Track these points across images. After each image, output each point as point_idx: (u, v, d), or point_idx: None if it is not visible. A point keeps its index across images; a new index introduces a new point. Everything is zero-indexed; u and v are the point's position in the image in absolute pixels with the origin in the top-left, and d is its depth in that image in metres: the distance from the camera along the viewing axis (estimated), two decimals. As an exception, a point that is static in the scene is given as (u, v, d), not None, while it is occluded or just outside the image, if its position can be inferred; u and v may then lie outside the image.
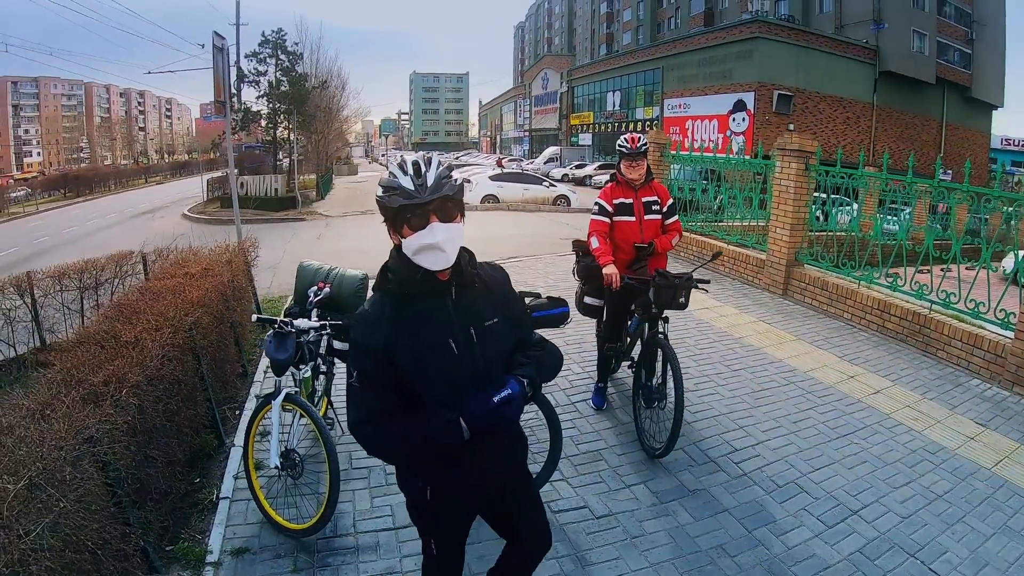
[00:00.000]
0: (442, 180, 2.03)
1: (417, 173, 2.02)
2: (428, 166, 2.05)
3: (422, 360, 2.08)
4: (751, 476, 4.45)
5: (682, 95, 42.33)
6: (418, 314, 2.11)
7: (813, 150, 8.78)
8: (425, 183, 2.01)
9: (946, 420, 5.33)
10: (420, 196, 1.99)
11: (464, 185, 2.16)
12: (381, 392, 2.11)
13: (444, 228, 2.03)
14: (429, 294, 2.12)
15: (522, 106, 77.39)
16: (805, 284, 8.74)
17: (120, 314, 4.83)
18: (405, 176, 2.02)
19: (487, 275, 2.30)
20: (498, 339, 2.23)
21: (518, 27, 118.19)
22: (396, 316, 2.11)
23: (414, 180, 2.01)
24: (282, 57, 32.44)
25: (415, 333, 2.10)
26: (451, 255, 2.06)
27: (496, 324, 2.22)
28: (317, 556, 3.62)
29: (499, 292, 2.31)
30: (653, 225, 5.20)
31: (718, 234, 11.05)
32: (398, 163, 2.08)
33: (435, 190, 2.00)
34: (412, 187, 2.00)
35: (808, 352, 6.85)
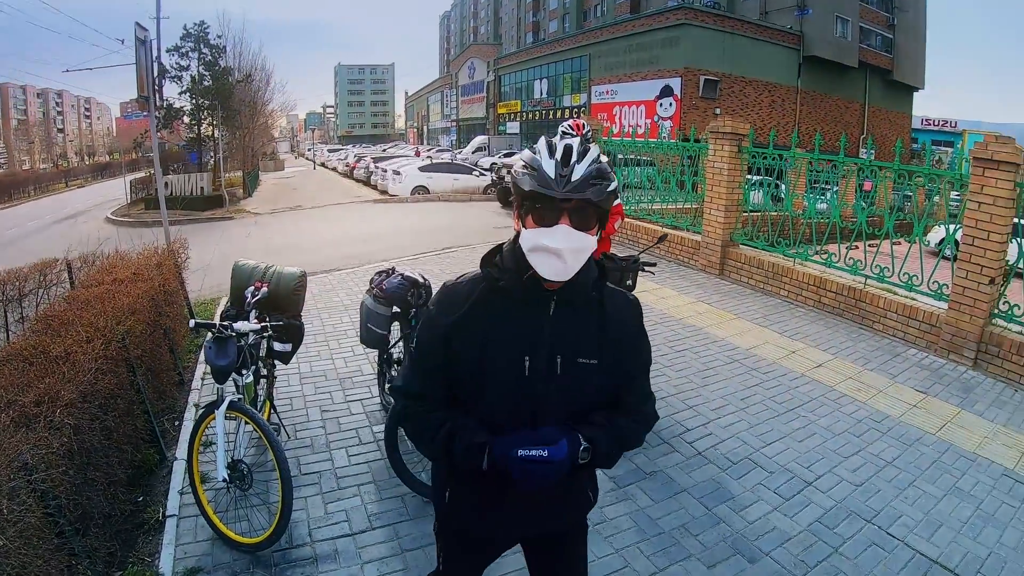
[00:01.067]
0: (591, 180, 1.67)
1: (565, 161, 1.68)
2: (581, 158, 1.69)
3: (485, 366, 1.78)
4: (705, 455, 4.48)
5: (609, 82, 42.72)
6: (506, 313, 1.79)
7: (746, 133, 8.96)
8: (569, 176, 1.66)
9: (888, 389, 5.50)
10: (556, 189, 1.65)
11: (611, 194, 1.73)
12: (430, 374, 1.85)
13: (572, 236, 1.68)
14: (526, 297, 1.78)
15: (449, 96, 76.89)
16: (741, 264, 8.92)
17: (47, 327, 4.54)
18: (550, 160, 1.68)
19: (614, 306, 1.89)
20: (588, 385, 1.83)
21: (444, 16, 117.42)
22: (481, 303, 1.80)
23: (558, 168, 1.66)
24: (205, 51, 31.31)
25: (492, 332, 1.78)
26: (571, 268, 1.71)
27: (593, 367, 1.81)
28: (274, 570, 3.45)
29: (617, 332, 1.87)
30: None
31: (653, 217, 11.16)
32: (547, 141, 1.74)
33: (578, 189, 1.65)
34: (552, 175, 1.66)
35: (749, 330, 6.97)
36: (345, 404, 5.34)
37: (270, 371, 4.89)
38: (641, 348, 1.95)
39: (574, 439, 1.77)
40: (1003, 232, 5.88)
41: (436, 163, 29.26)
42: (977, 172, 5.98)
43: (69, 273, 7.87)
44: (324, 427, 4.99)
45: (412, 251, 11.73)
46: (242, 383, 4.02)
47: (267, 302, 4.52)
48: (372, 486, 4.15)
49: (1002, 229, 5.87)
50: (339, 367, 6.18)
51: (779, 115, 38.95)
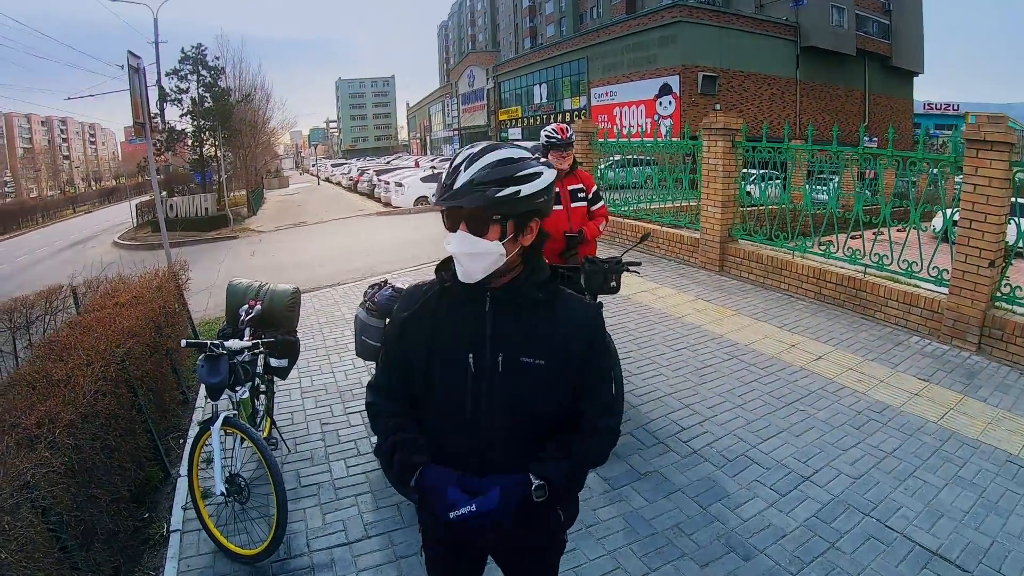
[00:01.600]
0: (478, 186, 1.66)
1: (453, 169, 1.71)
2: (470, 164, 1.69)
3: (432, 362, 1.81)
4: (701, 453, 4.42)
5: (608, 83, 42.68)
6: (451, 312, 1.83)
7: (739, 127, 8.90)
8: (452, 183, 1.68)
9: (889, 379, 5.42)
10: (438, 195, 1.73)
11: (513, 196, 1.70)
12: (392, 368, 1.91)
13: (466, 241, 1.70)
14: (465, 296, 1.80)
15: (450, 105, 77.07)
16: (740, 259, 8.85)
17: (51, 352, 4.71)
18: (449, 168, 1.73)
19: (566, 310, 1.83)
20: (534, 388, 1.77)
21: (441, 26, 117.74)
22: (431, 301, 1.87)
23: (446, 175, 1.71)
24: (204, 73, 31.53)
25: (438, 329, 1.82)
26: (472, 272, 1.72)
27: (538, 368, 1.77)
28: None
29: (569, 336, 1.80)
30: (580, 212, 5.23)
31: (651, 217, 11.10)
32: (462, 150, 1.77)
33: (453, 196, 1.67)
34: (441, 181, 1.72)
35: (748, 325, 6.90)
36: (344, 416, 5.38)
37: (268, 386, 4.94)
38: (599, 354, 1.86)
39: (513, 485, 1.71)
40: (1000, 213, 5.79)
41: (438, 173, 29.25)
42: (971, 154, 5.90)
43: (75, 299, 8.02)
44: (324, 439, 5.05)
45: (414, 262, 11.71)
46: (236, 399, 4.07)
47: (261, 319, 4.60)
48: (369, 496, 4.20)
49: (999, 210, 5.78)
50: (339, 380, 6.19)
51: (779, 107, 38.76)
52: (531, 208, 1.74)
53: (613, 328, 6.91)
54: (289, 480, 4.48)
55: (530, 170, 1.72)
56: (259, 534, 3.76)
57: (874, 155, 7.41)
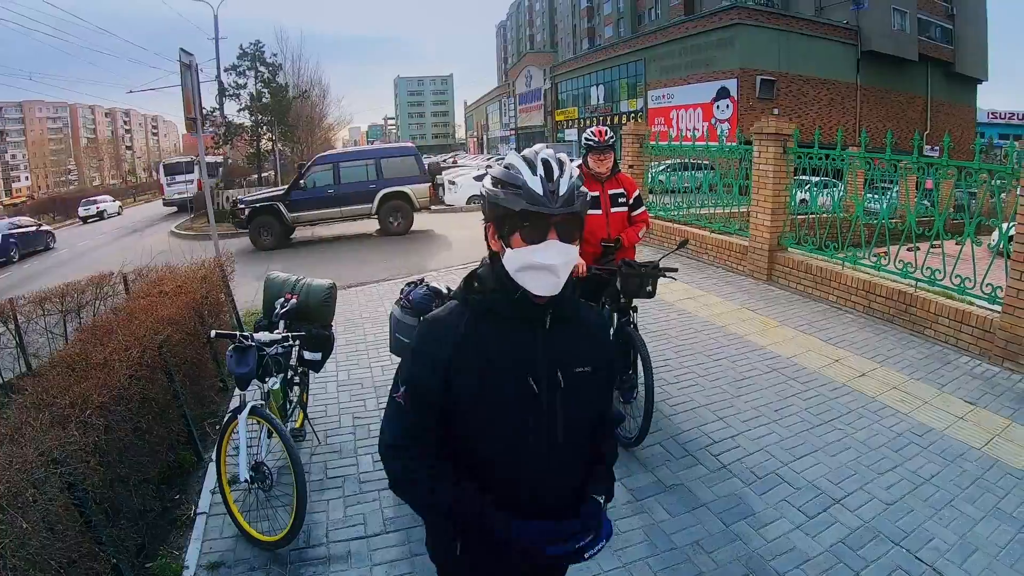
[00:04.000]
0: (576, 192, 1.66)
1: (548, 175, 1.65)
2: (561, 170, 1.67)
3: (489, 396, 1.69)
4: (730, 468, 4.31)
5: (665, 85, 42.19)
6: (502, 337, 1.72)
7: (790, 133, 8.66)
8: (557, 190, 1.63)
9: (934, 400, 5.19)
10: (549, 205, 1.61)
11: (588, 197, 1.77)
12: (423, 417, 1.73)
13: (564, 249, 1.65)
14: (518, 318, 1.73)
15: (507, 105, 77.19)
16: (789, 268, 8.61)
17: (93, 336, 4.91)
18: (533, 176, 1.64)
19: (588, 316, 1.91)
20: (587, 397, 1.81)
21: (500, 26, 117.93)
22: (472, 332, 1.71)
23: (544, 183, 1.63)
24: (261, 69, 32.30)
25: (491, 359, 1.70)
26: (563, 281, 1.68)
27: (589, 374, 1.80)
28: (290, 567, 3.61)
29: (597, 340, 1.89)
30: (619, 218, 5.18)
31: (701, 222, 10.90)
32: (523, 156, 1.70)
33: (567, 201, 1.63)
34: (540, 191, 1.62)
35: (792, 338, 6.71)
36: (377, 411, 5.41)
37: (303, 379, 5.08)
38: (613, 356, 2.07)
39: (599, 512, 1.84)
40: (1061, 231, 5.52)
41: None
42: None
43: (125, 285, 8.28)
44: (354, 433, 5.14)
45: (461, 260, 11.72)
46: (266, 389, 4.18)
47: (297, 313, 4.72)
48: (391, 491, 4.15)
49: (1059, 228, 5.51)
50: (376, 376, 6.26)
51: (839, 113, 37.64)
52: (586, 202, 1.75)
53: (654, 335, 6.84)
54: (316, 471, 4.61)
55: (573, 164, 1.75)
56: (281, 522, 3.85)
57: (929, 164, 7.13)
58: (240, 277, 8.69)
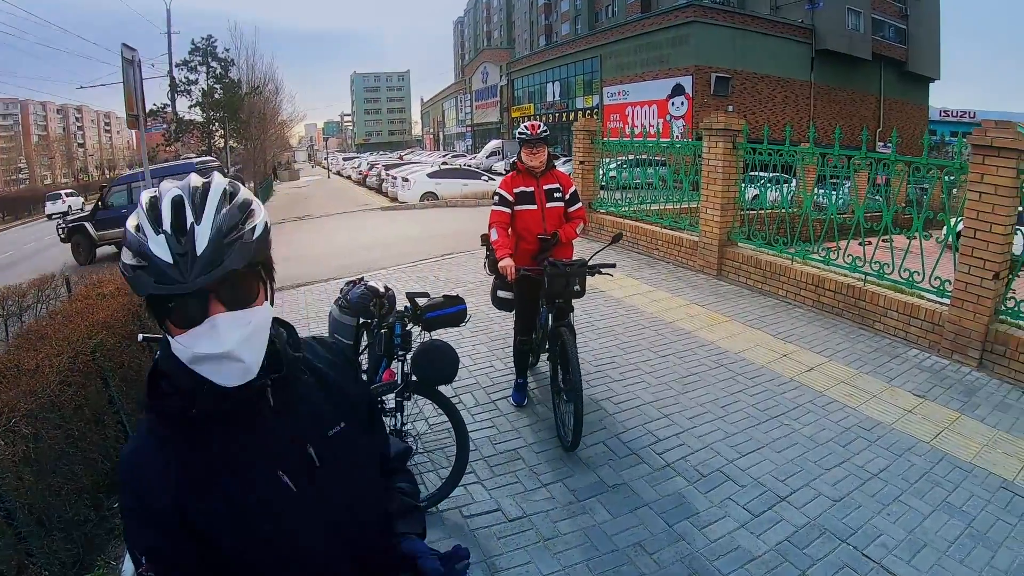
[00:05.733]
0: (227, 236, 1.16)
1: (178, 228, 1.13)
2: (200, 208, 1.16)
3: (242, 518, 1.23)
4: (674, 467, 4.19)
5: (621, 82, 42.48)
6: (217, 442, 1.24)
7: (739, 128, 8.66)
8: (192, 249, 1.12)
9: (882, 394, 5.16)
10: (183, 279, 1.11)
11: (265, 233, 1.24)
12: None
13: (236, 323, 1.18)
14: (232, 407, 1.24)
15: (463, 101, 77.18)
16: (739, 263, 8.60)
17: (27, 342, 4.89)
18: (156, 235, 1.13)
19: (316, 356, 1.46)
20: (352, 459, 1.40)
21: (457, 22, 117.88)
22: (185, 452, 1.23)
23: (172, 243, 1.12)
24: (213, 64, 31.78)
25: (219, 475, 1.23)
26: (252, 363, 1.21)
27: (343, 432, 1.39)
28: None
29: (337, 380, 1.45)
30: (555, 213, 5.08)
31: (651, 218, 10.84)
32: (148, 202, 1.18)
33: (211, 263, 1.13)
34: (169, 258, 1.11)
35: (741, 332, 6.66)
36: None
37: None
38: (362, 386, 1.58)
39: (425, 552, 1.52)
40: (1006, 223, 5.52)
41: (444, 169, 29.37)
42: (977, 160, 5.63)
43: (68, 287, 8.00)
44: None
45: (412, 258, 11.48)
46: None
47: None
48: None
49: (1005, 220, 5.50)
50: None
51: (793, 110, 38.39)
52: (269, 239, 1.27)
53: (600, 332, 6.73)
54: None
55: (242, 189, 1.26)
56: None
57: (878, 159, 7.16)
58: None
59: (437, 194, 25.42)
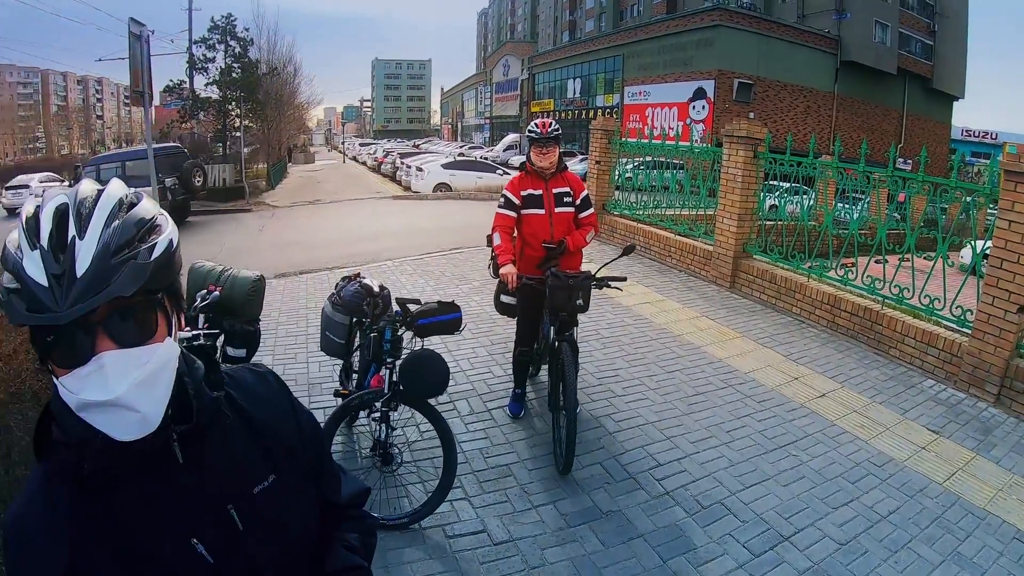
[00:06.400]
0: (115, 255, 0.95)
1: (57, 244, 0.94)
2: (87, 221, 0.96)
3: None
4: (673, 495, 3.99)
5: (643, 82, 42.18)
6: (117, 505, 1.03)
7: (762, 137, 8.41)
8: (71, 267, 0.92)
9: (895, 427, 4.94)
10: (57, 308, 0.90)
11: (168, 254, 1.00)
12: None
13: (128, 364, 0.96)
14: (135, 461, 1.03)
15: (483, 93, 77.09)
16: (753, 277, 8.37)
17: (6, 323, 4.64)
18: (32, 250, 0.93)
19: (245, 394, 1.23)
20: (285, 517, 1.19)
21: (481, 13, 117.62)
22: (82, 512, 1.01)
23: (47, 262, 0.92)
24: (232, 43, 31.73)
25: (119, 545, 1.02)
26: (151, 413, 0.98)
27: (274, 487, 1.18)
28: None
29: (269, 424, 1.23)
30: (564, 219, 4.81)
31: (666, 224, 10.62)
32: (30, 212, 0.98)
33: (93, 287, 0.92)
34: (44, 281, 0.91)
35: (752, 351, 6.45)
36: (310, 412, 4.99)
37: None
38: (301, 419, 1.31)
39: None
40: (1036, 255, 5.30)
41: (459, 161, 29.17)
42: (1008, 187, 5.40)
43: None
44: None
45: (420, 250, 11.29)
46: None
47: (220, 306, 4.34)
48: None
49: (1035, 251, 5.29)
50: (312, 372, 5.87)
51: (815, 121, 37.99)
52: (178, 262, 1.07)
53: (606, 341, 6.54)
54: None
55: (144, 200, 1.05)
56: None
57: (904, 178, 6.92)
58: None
59: (451, 186, 25.24)
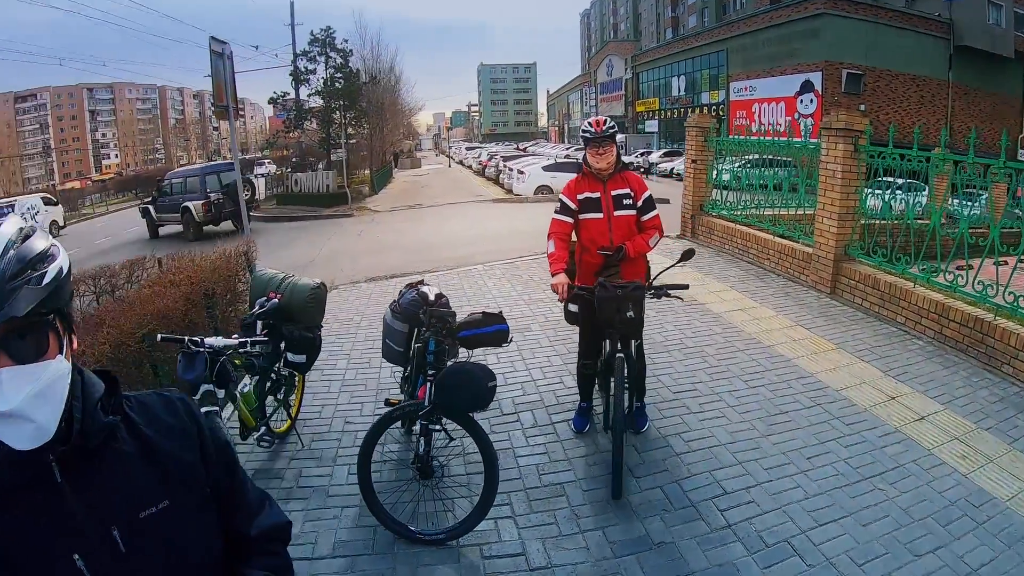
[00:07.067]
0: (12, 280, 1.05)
1: None
2: None
3: None
4: (735, 529, 3.61)
5: (748, 77, 40.72)
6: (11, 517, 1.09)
7: (863, 128, 7.72)
8: None
9: (1001, 459, 4.28)
10: None
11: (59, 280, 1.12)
12: None
13: (23, 378, 1.06)
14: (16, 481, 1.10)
15: (588, 94, 76.84)
16: (855, 282, 7.68)
17: (87, 324, 5.02)
18: None
19: (145, 415, 1.27)
20: (175, 544, 1.21)
21: (584, 14, 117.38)
22: None
23: None
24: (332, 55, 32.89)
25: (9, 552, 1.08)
26: (45, 423, 1.07)
27: (165, 514, 1.20)
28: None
29: (171, 449, 1.26)
30: (625, 222, 4.48)
31: (764, 224, 10.04)
32: None
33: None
34: None
35: (847, 365, 5.87)
36: (372, 418, 5.00)
37: (287, 380, 4.97)
38: (207, 447, 1.31)
39: None
40: None
41: (560, 163, 29.11)
42: None
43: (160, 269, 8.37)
44: (340, 440, 4.83)
45: (512, 254, 11.20)
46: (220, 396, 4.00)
47: (279, 312, 4.57)
48: (355, 510, 3.92)
49: None
50: (383, 378, 5.89)
51: (929, 112, 35.22)
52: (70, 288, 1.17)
53: (689, 352, 6.20)
54: (288, 478, 4.36)
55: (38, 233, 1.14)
56: None
57: (1018, 170, 6.22)
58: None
59: (552, 188, 25.01)
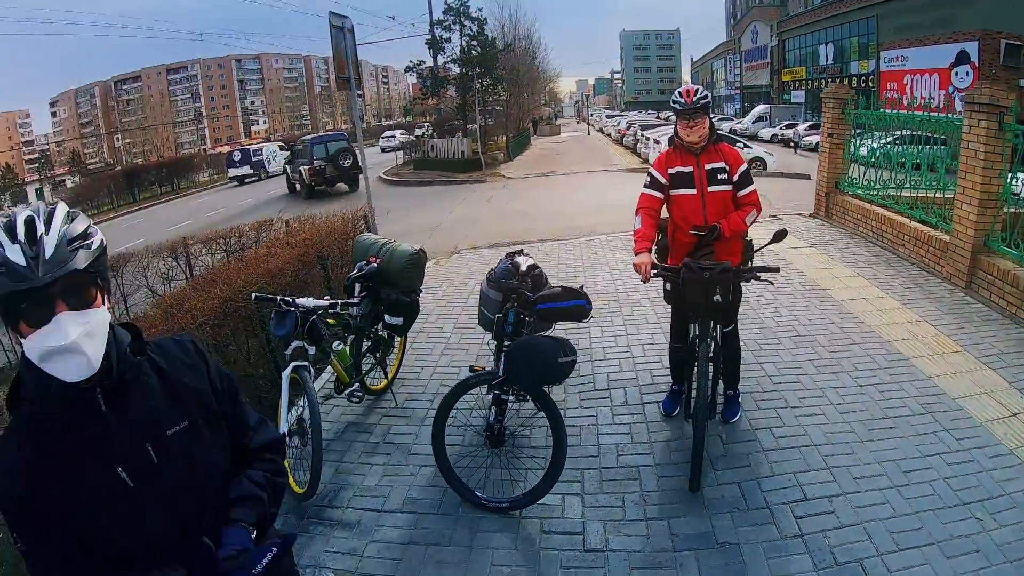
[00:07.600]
0: (70, 245, 1.41)
1: (31, 238, 1.38)
2: (48, 225, 1.41)
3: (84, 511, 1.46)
4: (807, 540, 3.34)
5: (899, 46, 37.46)
6: (62, 442, 1.47)
7: (1009, 104, 6.78)
8: (41, 253, 1.38)
9: None
10: (33, 276, 1.35)
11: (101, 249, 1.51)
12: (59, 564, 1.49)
13: (78, 319, 1.41)
14: (69, 409, 1.47)
15: (732, 62, 73.68)
16: (993, 277, 6.85)
17: (204, 282, 5.61)
18: (12, 243, 1.37)
19: (166, 358, 1.65)
20: (195, 454, 1.61)
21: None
22: (38, 451, 1.47)
23: (25, 249, 1.37)
24: (467, 23, 33.35)
25: (63, 472, 1.46)
26: (94, 357, 1.43)
27: (186, 431, 1.60)
28: (304, 520, 3.86)
29: (186, 381, 1.65)
30: (719, 198, 4.19)
31: (900, 207, 9.18)
32: (4, 222, 1.42)
33: (57, 263, 1.38)
34: (23, 261, 1.36)
35: (970, 371, 5.26)
36: None
37: (385, 341, 5.37)
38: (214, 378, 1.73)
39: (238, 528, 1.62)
40: None
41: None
42: None
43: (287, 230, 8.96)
44: (432, 402, 5.01)
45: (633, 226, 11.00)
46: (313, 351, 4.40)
47: (379, 277, 4.95)
48: (431, 470, 4.13)
49: None
50: (485, 344, 5.94)
51: (1103, 89, 31.63)
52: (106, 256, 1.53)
53: (801, 340, 5.90)
54: (377, 434, 4.78)
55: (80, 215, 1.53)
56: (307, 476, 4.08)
57: None
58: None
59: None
